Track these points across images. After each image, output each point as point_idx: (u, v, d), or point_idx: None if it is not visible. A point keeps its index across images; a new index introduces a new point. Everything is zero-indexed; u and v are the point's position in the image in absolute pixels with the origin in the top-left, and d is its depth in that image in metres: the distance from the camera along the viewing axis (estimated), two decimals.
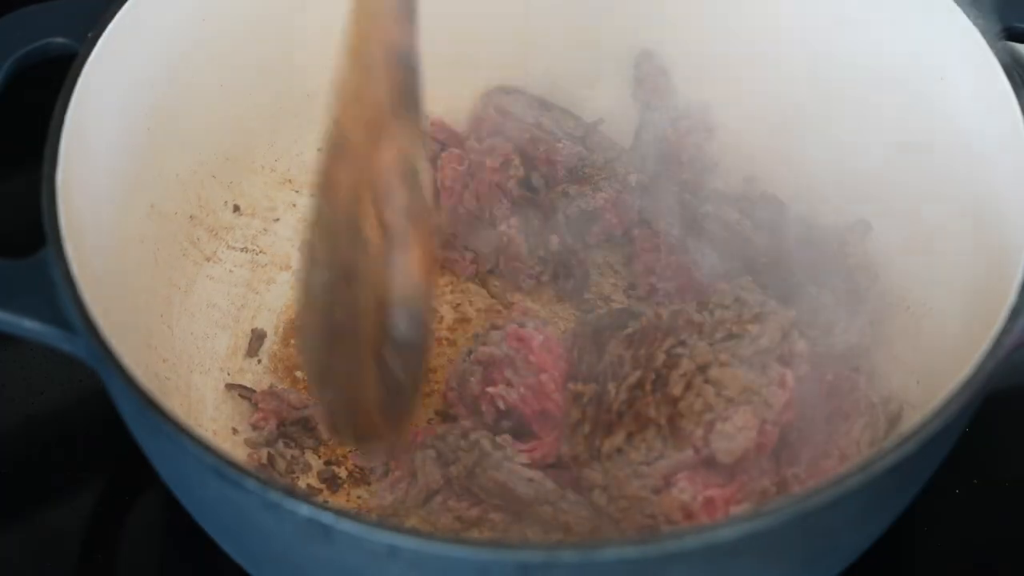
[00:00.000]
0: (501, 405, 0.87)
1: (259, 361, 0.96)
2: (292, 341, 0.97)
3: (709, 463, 0.81)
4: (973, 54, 0.86)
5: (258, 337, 0.97)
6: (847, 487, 0.68)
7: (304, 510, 0.66)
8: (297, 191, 1.03)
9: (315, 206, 0.76)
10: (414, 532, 0.66)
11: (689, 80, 1.02)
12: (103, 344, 0.73)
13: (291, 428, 0.92)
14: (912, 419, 0.87)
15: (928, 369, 0.89)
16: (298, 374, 0.95)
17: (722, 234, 0.95)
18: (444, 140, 1.04)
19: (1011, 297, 0.75)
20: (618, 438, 0.82)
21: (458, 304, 0.99)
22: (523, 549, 0.66)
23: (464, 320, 0.98)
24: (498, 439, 0.85)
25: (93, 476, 0.94)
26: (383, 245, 0.74)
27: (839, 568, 0.80)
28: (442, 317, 0.98)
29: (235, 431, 0.92)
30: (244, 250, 1.00)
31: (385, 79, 0.75)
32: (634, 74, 1.03)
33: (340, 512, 0.66)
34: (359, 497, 0.90)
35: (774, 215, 0.96)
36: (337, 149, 0.75)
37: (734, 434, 0.80)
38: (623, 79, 1.03)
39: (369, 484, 0.90)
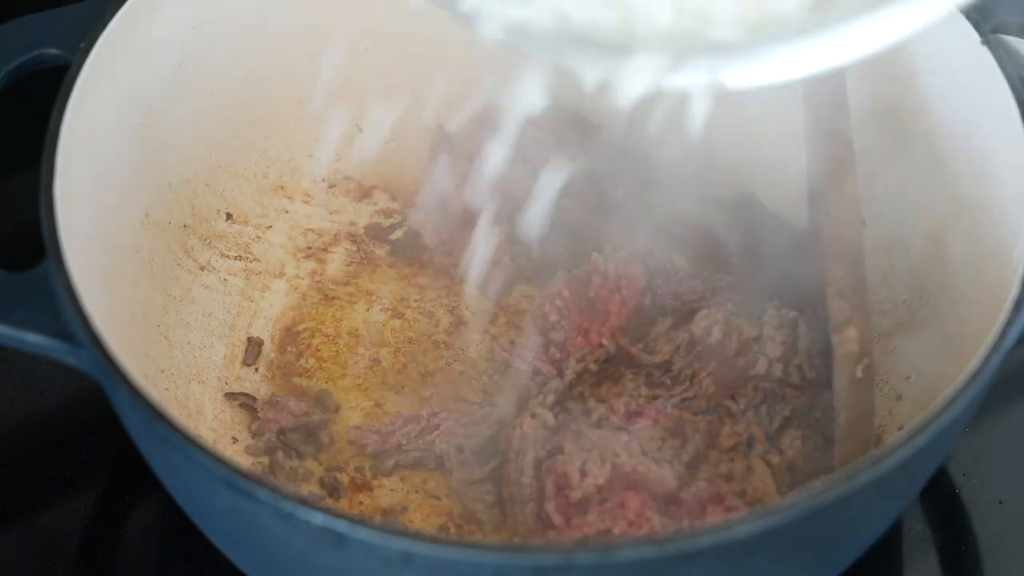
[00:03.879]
0: None
1: (256, 370, 0.96)
2: (289, 348, 0.97)
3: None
4: (966, 48, 0.86)
5: (255, 345, 0.96)
6: (858, 483, 0.68)
7: (318, 519, 0.66)
8: (289, 198, 1.03)
9: None
10: (429, 538, 0.66)
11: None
12: (109, 357, 0.72)
13: (291, 436, 0.91)
14: (911, 413, 0.88)
15: (926, 362, 0.89)
16: (296, 381, 0.95)
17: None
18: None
19: (1014, 289, 0.75)
20: None
21: (454, 307, 0.99)
22: (539, 552, 0.66)
23: (461, 323, 0.99)
24: None
25: (93, 476, 0.94)
26: None
27: (846, 564, 0.80)
28: (438, 320, 0.99)
29: (235, 440, 0.92)
30: (238, 258, 1.00)
31: None
32: None
33: (355, 519, 0.66)
34: (361, 503, 0.90)
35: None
36: None
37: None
38: None
39: (371, 490, 0.90)
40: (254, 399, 0.93)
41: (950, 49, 0.88)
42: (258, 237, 1.01)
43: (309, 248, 1.02)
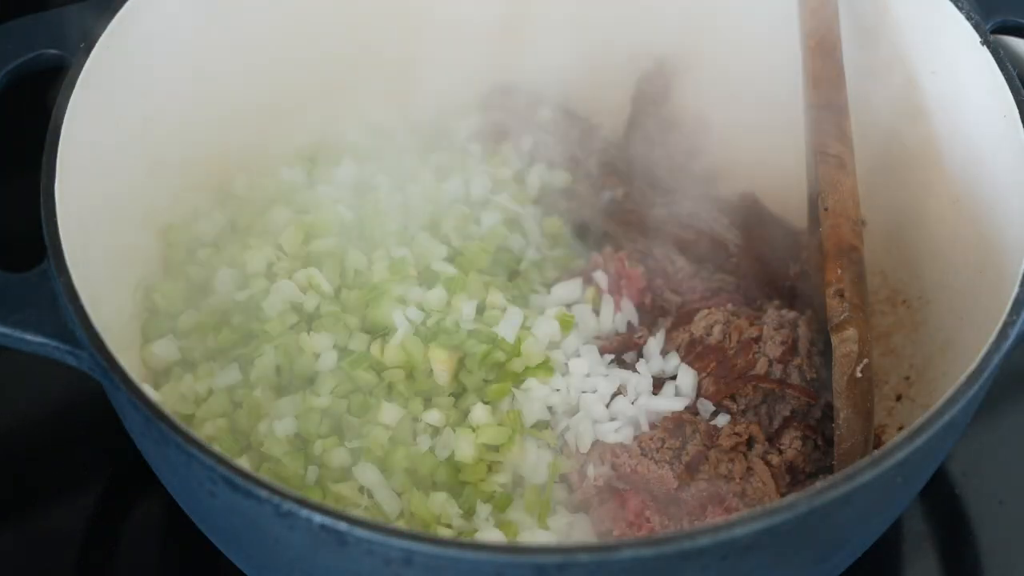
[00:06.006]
0: None
1: None
2: None
3: None
4: (966, 48, 0.86)
5: None
6: (858, 483, 0.68)
7: (318, 518, 0.66)
8: None
9: None
10: (429, 538, 0.66)
11: (689, 89, 1.02)
12: (109, 357, 0.72)
13: None
14: (911, 413, 0.88)
15: (926, 362, 0.90)
16: None
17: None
18: None
19: (1014, 289, 0.75)
20: None
21: None
22: (539, 552, 0.66)
23: None
24: None
25: (93, 476, 0.94)
26: None
27: (846, 563, 0.80)
28: None
29: None
30: None
31: None
32: (636, 79, 1.03)
33: (355, 520, 0.66)
34: None
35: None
36: None
37: None
38: (627, 79, 1.04)
39: None
40: None
41: (950, 49, 0.88)
42: None
43: None
